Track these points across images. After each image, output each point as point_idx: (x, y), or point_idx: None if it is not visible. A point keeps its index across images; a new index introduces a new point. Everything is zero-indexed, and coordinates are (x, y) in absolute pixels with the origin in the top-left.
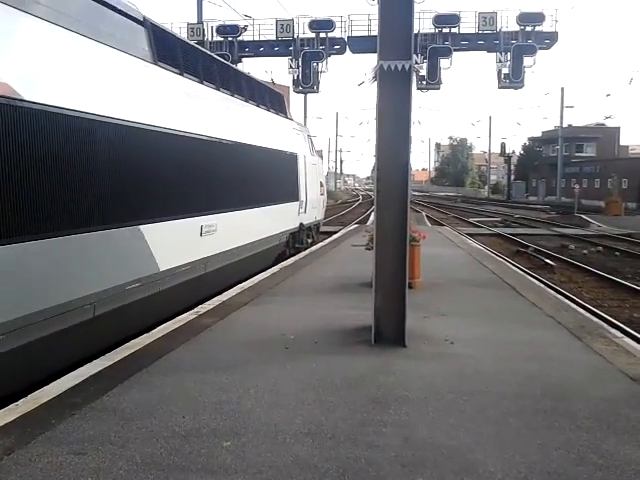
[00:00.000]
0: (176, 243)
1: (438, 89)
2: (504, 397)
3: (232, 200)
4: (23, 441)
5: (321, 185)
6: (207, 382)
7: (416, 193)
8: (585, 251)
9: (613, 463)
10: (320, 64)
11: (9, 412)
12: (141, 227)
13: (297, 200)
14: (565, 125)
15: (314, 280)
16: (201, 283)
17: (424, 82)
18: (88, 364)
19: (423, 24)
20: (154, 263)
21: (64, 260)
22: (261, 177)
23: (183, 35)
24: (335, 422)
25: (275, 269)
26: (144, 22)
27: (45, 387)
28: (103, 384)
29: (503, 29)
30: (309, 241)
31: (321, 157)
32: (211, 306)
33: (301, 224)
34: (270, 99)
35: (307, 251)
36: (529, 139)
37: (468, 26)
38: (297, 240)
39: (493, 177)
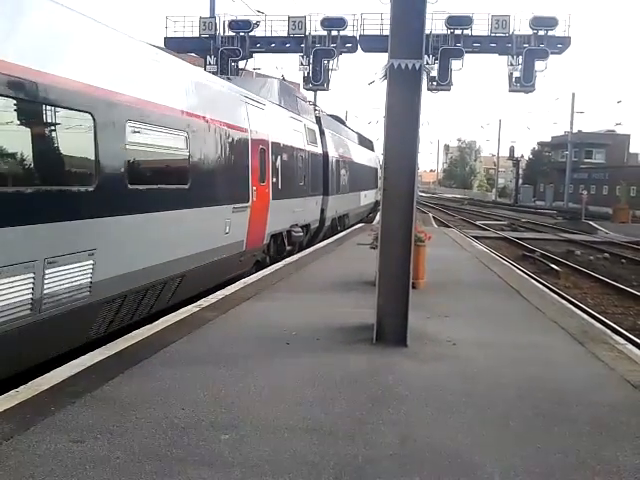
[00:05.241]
0: (362, 198)
1: (449, 90)
2: (504, 400)
3: (364, 186)
4: (22, 427)
5: None
6: (207, 375)
7: (423, 194)
8: (591, 257)
9: (611, 469)
10: (331, 62)
11: (9, 398)
12: (360, 192)
13: (375, 188)
14: (575, 131)
15: (317, 277)
16: (363, 211)
17: (435, 83)
18: (90, 353)
19: (435, 25)
20: (359, 202)
21: (361, 198)
22: (367, 178)
23: (195, 28)
24: (334, 419)
25: (279, 265)
26: (361, 136)
27: (46, 374)
28: (104, 373)
29: (516, 32)
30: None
31: None
32: (214, 300)
33: (376, 201)
34: (369, 144)
35: (312, 248)
36: (538, 143)
37: (481, 28)
38: (375, 207)
39: (501, 181)
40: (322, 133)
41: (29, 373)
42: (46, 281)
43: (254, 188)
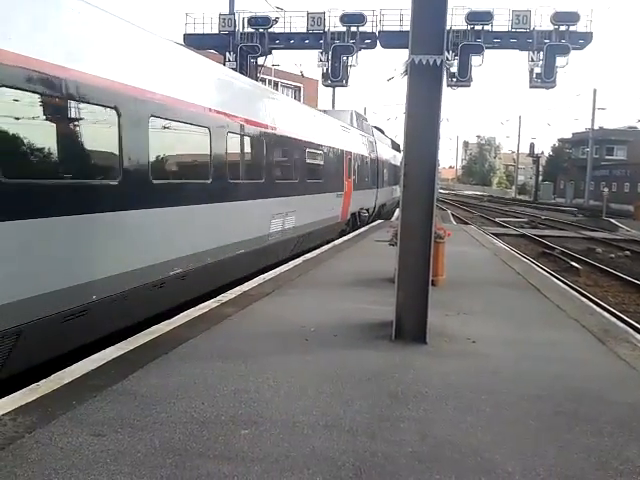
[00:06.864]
0: (393, 192)
1: (468, 87)
2: (524, 398)
3: (395, 182)
4: (44, 421)
5: None
6: (226, 370)
7: (442, 191)
8: (612, 255)
9: (634, 469)
10: (350, 58)
11: (31, 391)
12: (392, 187)
13: (396, 185)
14: (596, 127)
15: (336, 274)
16: (394, 202)
17: (454, 79)
18: (110, 347)
19: (455, 20)
20: (392, 195)
21: (393, 192)
22: (397, 175)
23: (215, 25)
24: (353, 415)
25: (298, 261)
26: (393, 141)
27: (67, 368)
28: (124, 368)
29: (537, 28)
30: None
31: None
32: (232, 295)
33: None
34: (397, 147)
35: (330, 245)
36: (559, 140)
37: (501, 24)
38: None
39: (521, 177)
40: (375, 143)
41: (51, 366)
42: (285, 222)
43: (345, 182)
